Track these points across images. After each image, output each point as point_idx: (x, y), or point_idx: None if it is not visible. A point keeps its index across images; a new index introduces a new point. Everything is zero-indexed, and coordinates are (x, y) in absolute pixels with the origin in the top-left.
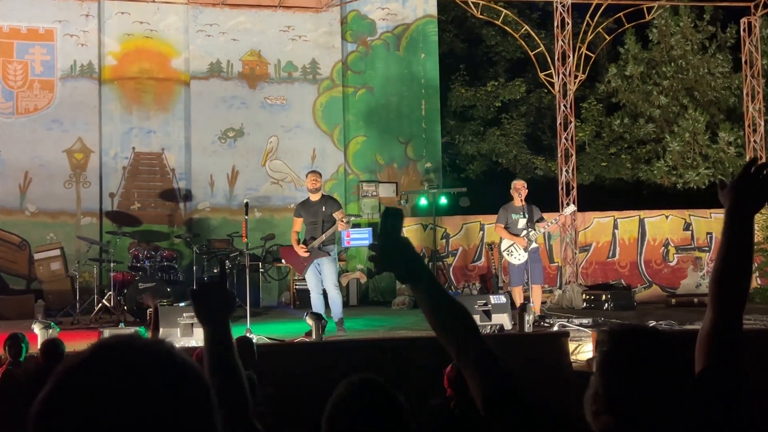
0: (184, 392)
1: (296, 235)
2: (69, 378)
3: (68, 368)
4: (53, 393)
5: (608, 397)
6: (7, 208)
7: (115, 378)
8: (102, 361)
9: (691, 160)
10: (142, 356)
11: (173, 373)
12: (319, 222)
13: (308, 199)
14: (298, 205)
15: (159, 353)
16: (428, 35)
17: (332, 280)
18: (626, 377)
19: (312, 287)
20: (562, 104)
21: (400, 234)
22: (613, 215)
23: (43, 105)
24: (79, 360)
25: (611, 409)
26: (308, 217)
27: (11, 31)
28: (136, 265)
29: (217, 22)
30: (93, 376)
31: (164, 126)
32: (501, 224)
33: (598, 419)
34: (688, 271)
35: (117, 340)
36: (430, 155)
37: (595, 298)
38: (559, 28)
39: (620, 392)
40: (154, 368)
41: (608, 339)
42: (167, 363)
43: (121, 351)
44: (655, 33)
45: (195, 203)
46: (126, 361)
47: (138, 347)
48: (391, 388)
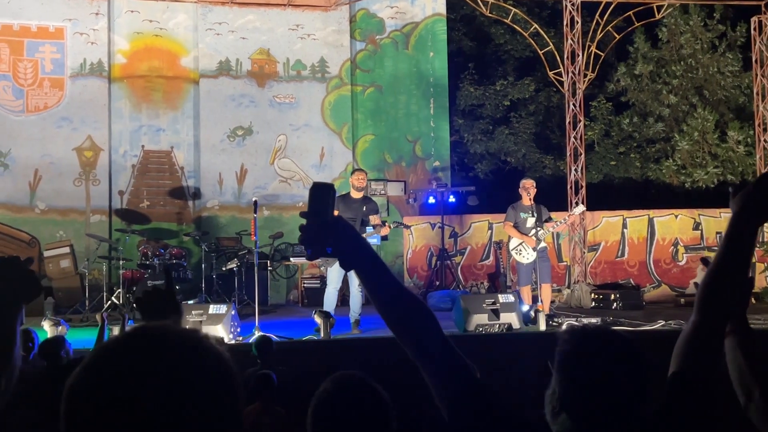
0: (212, 380)
1: None
2: (101, 358)
3: (101, 349)
4: (85, 372)
5: (564, 397)
6: (17, 205)
7: (145, 361)
8: (134, 345)
9: (700, 159)
10: (173, 341)
11: (202, 359)
12: (358, 220)
13: (349, 194)
14: (338, 197)
15: (191, 341)
16: (437, 34)
17: (356, 279)
18: (583, 377)
19: (332, 281)
20: (571, 103)
21: (329, 211)
22: (622, 214)
23: (53, 103)
24: (113, 342)
25: (567, 409)
26: (347, 213)
27: (21, 29)
28: (145, 262)
29: (226, 20)
30: (124, 357)
31: (173, 124)
32: (510, 223)
33: (555, 419)
34: (697, 271)
35: (150, 325)
36: (439, 154)
37: (604, 297)
38: (569, 26)
39: (576, 392)
40: (184, 353)
41: (567, 338)
42: (198, 349)
43: (153, 336)
44: (665, 32)
45: (204, 201)
46: (157, 345)
47: (170, 333)
48: (375, 383)
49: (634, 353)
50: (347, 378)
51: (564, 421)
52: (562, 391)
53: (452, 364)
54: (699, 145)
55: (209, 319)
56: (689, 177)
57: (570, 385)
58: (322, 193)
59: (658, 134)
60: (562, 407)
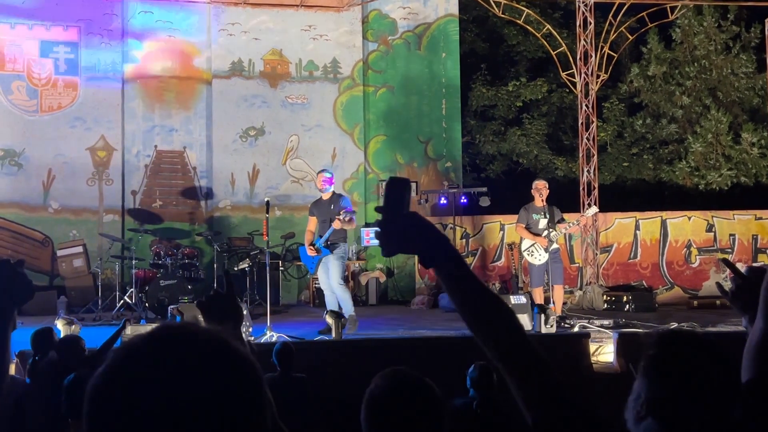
0: (238, 380)
1: (310, 234)
2: (125, 358)
3: (125, 348)
4: (109, 370)
5: (652, 401)
6: (30, 205)
7: (170, 360)
8: (158, 345)
9: (713, 161)
10: (199, 341)
11: (228, 360)
12: (328, 220)
13: (320, 198)
14: (312, 204)
15: (216, 341)
16: (449, 34)
17: (336, 278)
18: (672, 381)
19: (324, 286)
20: (584, 104)
21: (405, 207)
22: (634, 216)
23: (66, 103)
24: (138, 340)
25: (655, 414)
26: (320, 216)
27: (36, 29)
28: (157, 262)
29: (239, 21)
30: (148, 357)
31: (186, 124)
32: (522, 224)
33: (639, 425)
34: (710, 273)
35: (174, 324)
36: (450, 155)
37: (616, 299)
38: (582, 27)
39: (665, 396)
40: (209, 354)
41: (655, 342)
42: (223, 350)
43: (177, 335)
44: (679, 33)
45: (216, 201)
46: (183, 345)
47: (196, 333)
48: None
49: (725, 357)
50: (400, 374)
51: (649, 426)
52: (651, 396)
53: (532, 363)
54: (712, 147)
55: None
56: (703, 179)
57: (660, 389)
58: (398, 189)
59: (672, 136)
60: (649, 412)
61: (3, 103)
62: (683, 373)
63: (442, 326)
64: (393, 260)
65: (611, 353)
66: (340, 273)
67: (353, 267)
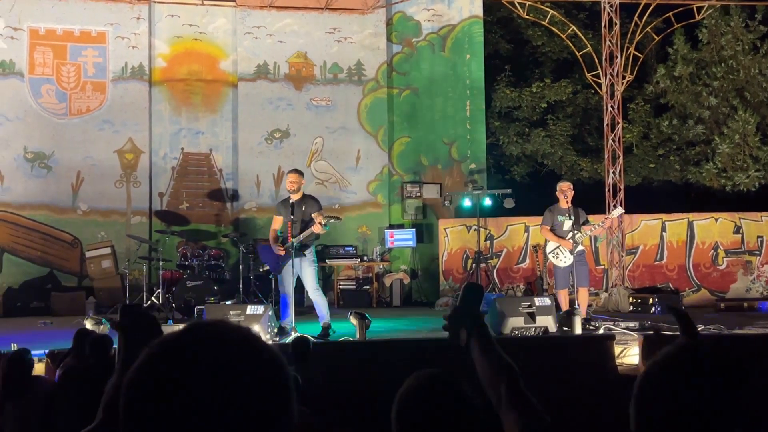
0: (268, 374)
1: (275, 233)
2: (159, 353)
3: (161, 342)
4: (144, 366)
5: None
6: (60, 207)
7: (203, 354)
8: (192, 339)
9: (741, 162)
10: (231, 337)
11: (259, 355)
12: (298, 222)
13: (288, 198)
14: (279, 203)
15: (247, 337)
16: (474, 36)
17: (312, 283)
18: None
19: (288, 290)
20: (609, 105)
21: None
22: (661, 218)
23: (95, 106)
24: (172, 336)
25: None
26: (287, 216)
27: (65, 33)
28: (184, 263)
29: (265, 24)
30: (183, 352)
31: (212, 127)
32: (547, 226)
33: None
34: (738, 275)
35: (208, 321)
36: (475, 156)
37: (642, 301)
38: (607, 28)
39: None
40: (241, 349)
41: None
42: (254, 346)
43: (211, 331)
44: (705, 33)
45: (242, 203)
46: (214, 339)
47: (227, 329)
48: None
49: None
50: (433, 376)
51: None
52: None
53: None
54: (740, 148)
55: (247, 319)
56: (730, 180)
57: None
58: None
59: (698, 137)
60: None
61: (33, 107)
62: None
63: None
64: (417, 261)
65: (636, 355)
66: (315, 278)
67: (377, 268)
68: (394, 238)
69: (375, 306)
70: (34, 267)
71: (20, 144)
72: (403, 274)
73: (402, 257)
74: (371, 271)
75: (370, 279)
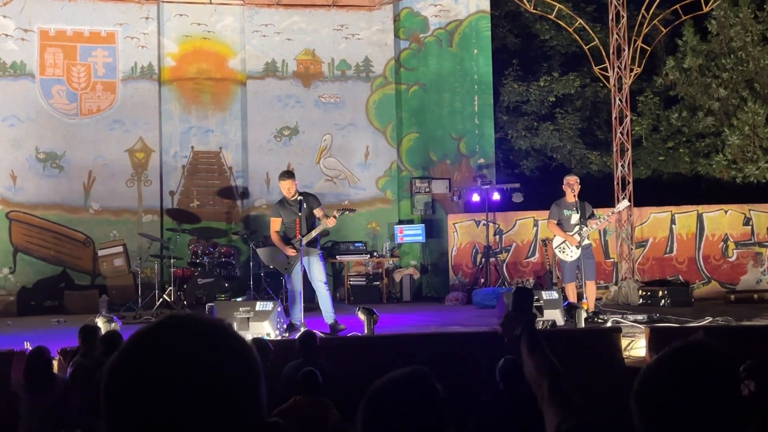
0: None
1: (278, 235)
2: (136, 342)
3: (137, 334)
4: (122, 354)
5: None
6: (72, 206)
7: (177, 344)
8: (166, 330)
9: (751, 153)
10: (201, 327)
11: (229, 344)
12: (303, 220)
13: (284, 198)
14: (277, 205)
15: (217, 327)
16: (481, 31)
17: (321, 277)
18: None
19: (297, 288)
20: (618, 98)
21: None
22: (670, 210)
23: (105, 106)
24: (147, 328)
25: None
26: (288, 216)
27: (75, 34)
28: (195, 261)
29: (272, 22)
30: (158, 341)
31: (222, 125)
32: (553, 221)
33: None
34: (748, 267)
35: (182, 313)
36: (483, 151)
37: (652, 294)
38: (614, 21)
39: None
40: (211, 337)
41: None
42: (224, 335)
43: (184, 322)
44: (714, 24)
45: (252, 200)
46: (188, 330)
47: (200, 320)
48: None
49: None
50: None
51: None
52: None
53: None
54: (750, 140)
55: (256, 315)
56: (740, 172)
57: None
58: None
59: (708, 129)
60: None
61: (44, 108)
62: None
63: (475, 322)
64: (427, 257)
65: (643, 348)
66: (324, 272)
67: (387, 264)
68: (404, 233)
69: (385, 301)
70: (48, 266)
71: (32, 144)
72: (412, 270)
73: (412, 253)
74: (381, 267)
75: (380, 275)
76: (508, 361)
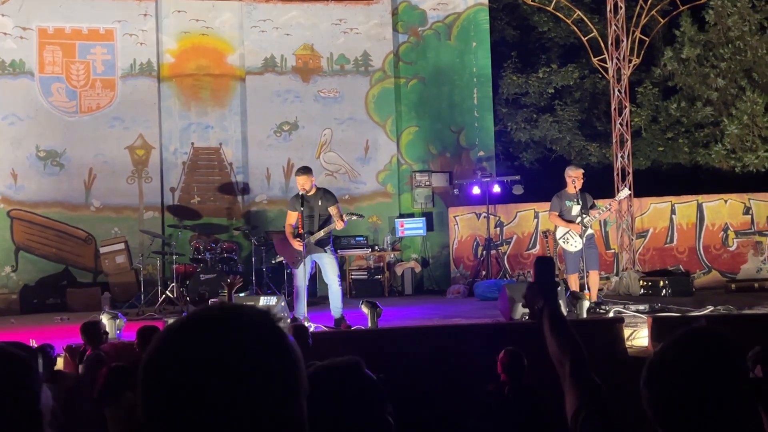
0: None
1: (291, 229)
2: (175, 331)
3: (176, 323)
4: (160, 347)
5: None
6: (73, 204)
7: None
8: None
9: (750, 142)
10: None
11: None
12: (316, 216)
13: (299, 192)
14: (292, 198)
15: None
16: (479, 23)
17: (335, 272)
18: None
19: (302, 283)
20: (617, 89)
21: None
22: (670, 200)
23: (105, 103)
24: (188, 318)
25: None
26: (304, 211)
27: (73, 32)
28: (197, 257)
29: (271, 17)
30: (200, 331)
31: (221, 121)
32: (555, 212)
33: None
34: (748, 256)
35: (224, 304)
36: (483, 144)
37: (653, 284)
38: (612, 12)
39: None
40: (253, 330)
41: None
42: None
43: (225, 313)
44: (712, 14)
45: (252, 196)
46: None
47: (241, 311)
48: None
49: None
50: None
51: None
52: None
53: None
54: (748, 129)
55: None
56: (739, 161)
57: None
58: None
59: (707, 118)
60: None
61: (44, 105)
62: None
63: (477, 315)
64: (428, 250)
65: (646, 337)
66: (337, 268)
67: (388, 258)
68: (405, 227)
69: (387, 295)
70: (50, 264)
71: (32, 143)
72: (414, 263)
73: (413, 246)
74: (383, 261)
75: (382, 268)
76: (508, 352)
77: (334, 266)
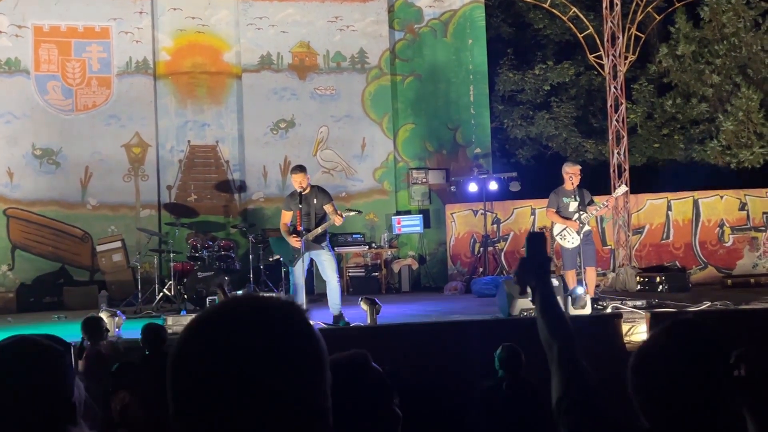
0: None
1: (286, 227)
2: (206, 322)
3: (205, 314)
4: (192, 335)
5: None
6: (69, 202)
7: (249, 323)
8: (236, 310)
9: (745, 139)
10: (274, 308)
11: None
12: (312, 213)
13: (295, 190)
14: (288, 197)
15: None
16: (475, 21)
17: (333, 269)
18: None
19: (300, 281)
20: (613, 86)
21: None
22: (666, 197)
23: (101, 101)
24: (216, 308)
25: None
26: (296, 207)
27: (69, 30)
28: (194, 255)
29: (267, 15)
30: (229, 321)
31: (218, 119)
32: (552, 209)
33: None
34: (744, 252)
35: (250, 295)
36: (480, 141)
37: (650, 280)
38: (608, 9)
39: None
40: (280, 320)
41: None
42: (295, 318)
43: (252, 304)
44: (707, 11)
45: (249, 194)
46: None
47: (271, 302)
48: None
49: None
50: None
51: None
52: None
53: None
54: (744, 125)
55: None
56: (734, 158)
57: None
58: (536, 243)
59: (702, 115)
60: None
61: (40, 104)
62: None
63: (475, 311)
64: (425, 247)
65: (644, 333)
66: (336, 265)
67: (385, 255)
68: (402, 224)
69: (384, 292)
70: (46, 262)
71: (28, 141)
72: (411, 260)
73: (410, 243)
74: (380, 258)
75: (379, 266)
76: (506, 348)
77: (332, 263)
